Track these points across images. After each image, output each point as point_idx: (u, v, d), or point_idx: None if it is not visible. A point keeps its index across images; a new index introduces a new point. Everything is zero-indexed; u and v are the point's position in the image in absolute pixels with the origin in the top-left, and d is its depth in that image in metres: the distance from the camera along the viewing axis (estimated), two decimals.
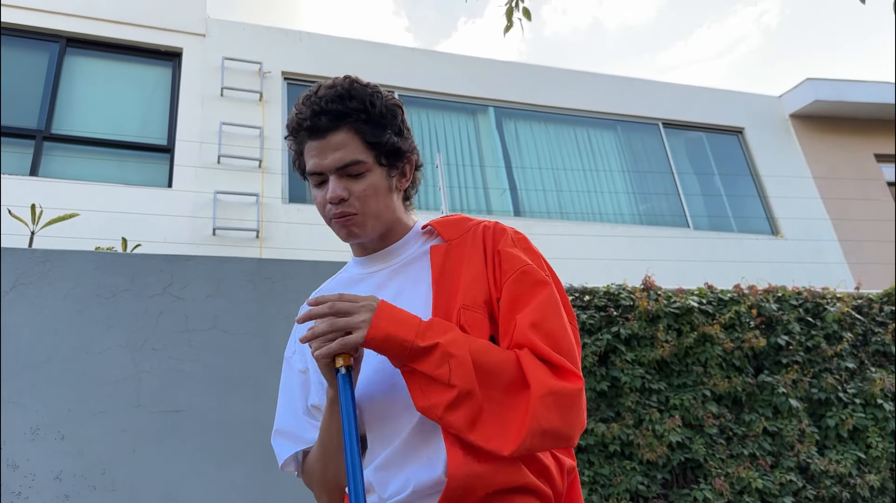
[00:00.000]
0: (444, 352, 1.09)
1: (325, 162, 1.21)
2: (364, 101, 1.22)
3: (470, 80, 8.71)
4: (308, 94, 1.25)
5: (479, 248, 1.26)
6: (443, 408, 1.07)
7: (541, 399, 1.07)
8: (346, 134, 1.20)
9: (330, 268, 2.69)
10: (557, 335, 1.16)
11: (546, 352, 1.12)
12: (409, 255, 1.31)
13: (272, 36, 8.07)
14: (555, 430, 1.09)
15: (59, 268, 2.41)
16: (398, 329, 1.10)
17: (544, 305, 1.18)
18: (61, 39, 7.04)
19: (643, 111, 9.42)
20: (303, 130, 1.22)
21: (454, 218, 1.35)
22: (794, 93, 10.11)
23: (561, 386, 1.10)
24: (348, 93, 1.22)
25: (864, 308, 5.00)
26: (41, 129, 6.57)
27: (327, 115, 1.20)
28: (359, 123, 1.21)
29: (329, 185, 1.22)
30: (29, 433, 2.20)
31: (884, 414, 4.53)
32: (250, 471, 2.38)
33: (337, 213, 1.23)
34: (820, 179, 9.62)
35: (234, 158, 7.00)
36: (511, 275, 1.20)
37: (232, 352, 2.50)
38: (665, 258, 7.57)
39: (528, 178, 8.42)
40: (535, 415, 1.07)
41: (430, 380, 1.08)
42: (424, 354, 1.09)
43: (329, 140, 1.20)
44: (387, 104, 1.25)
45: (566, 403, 1.10)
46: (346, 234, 1.27)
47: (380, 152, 1.23)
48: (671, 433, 4.09)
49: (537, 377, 1.09)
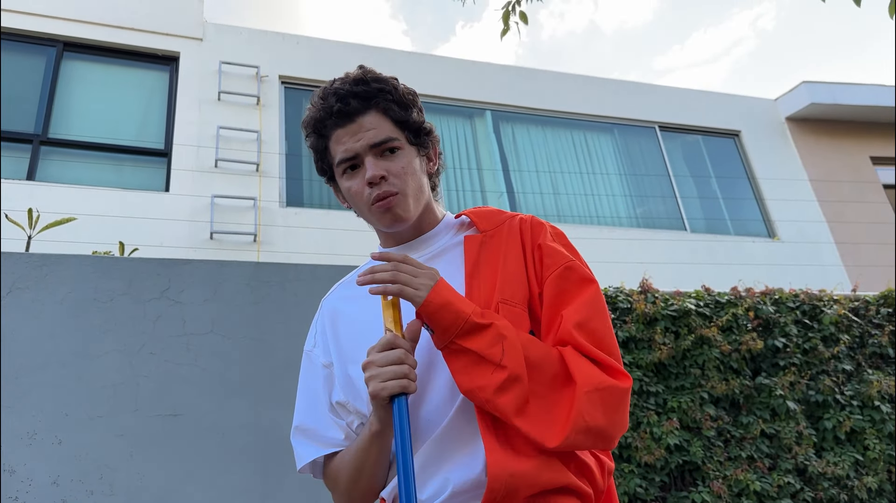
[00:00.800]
0: (497, 333, 1.06)
1: (359, 143, 1.18)
2: (387, 83, 1.23)
3: (467, 84, 8.72)
4: (325, 88, 1.23)
5: (517, 241, 1.23)
6: (492, 390, 1.03)
7: (587, 395, 1.04)
8: (376, 114, 1.20)
9: (328, 272, 2.69)
10: (602, 333, 1.13)
11: (591, 350, 1.09)
12: (441, 245, 1.28)
13: (269, 40, 8.08)
14: (599, 428, 1.04)
15: (56, 272, 2.40)
16: (457, 300, 1.08)
17: (590, 304, 1.15)
18: (58, 44, 7.03)
19: (640, 114, 9.44)
20: (332, 117, 1.20)
21: (488, 209, 1.32)
22: (789, 96, 10.14)
23: (609, 382, 1.07)
24: (368, 76, 1.22)
25: (861, 310, 5.01)
26: (38, 133, 6.57)
27: (355, 97, 1.19)
28: (387, 103, 1.20)
29: (366, 167, 1.19)
30: (26, 438, 2.19)
31: (881, 416, 4.54)
32: (249, 476, 2.38)
33: (380, 193, 1.19)
34: (816, 182, 9.64)
35: (231, 162, 7.00)
36: (554, 270, 1.18)
37: (230, 356, 2.49)
38: (662, 261, 7.58)
39: (525, 181, 8.43)
40: (580, 410, 1.03)
41: (480, 360, 1.05)
42: (478, 330, 1.06)
43: (360, 122, 1.19)
44: (405, 88, 1.27)
45: (612, 401, 1.07)
46: (391, 219, 1.21)
47: (409, 131, 1.23)
48: (669, 436, 4.09)
49: (583, 372, 1.06)
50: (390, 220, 1.21)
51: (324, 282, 2.72)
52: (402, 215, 1.21)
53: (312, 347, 1.33)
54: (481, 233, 1.25)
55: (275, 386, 2.49)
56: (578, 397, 1.04)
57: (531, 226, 1.26)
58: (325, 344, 1.30)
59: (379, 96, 1.20)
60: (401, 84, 1.26)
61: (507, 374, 1.03)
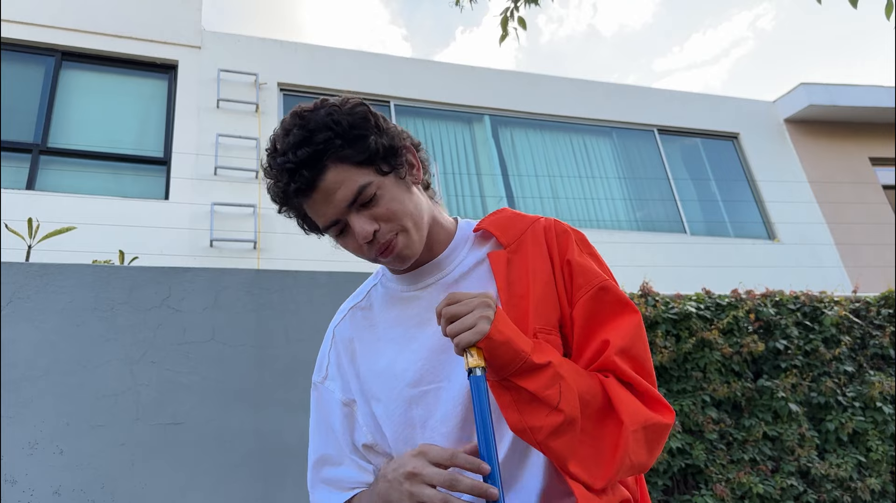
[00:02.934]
0: (555, 373, 1.00)
1: (332, 209, 1.08)
2: (328, 126, 1.07)
3: (465, 89, 8.74)
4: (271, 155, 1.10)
5: (544, 255, 1.15)
6: (547, 433, 0.98)
7: (633, 434, 1.00)
8: (334, 170, 1.06)
9: (327, 279, 2.70)
10: (643, 360, 1.09)
11: (634, 377, 1.05)
12: (461, 263, 1.19)
13: (268, 47, 8.10)
14: (641, 464, 1.02)
15: (56, 281, 2.41)
16: (516, 336, 1.00)
17: (632, 330, 1.09)
18: (56, 53, 7.05)
19: (638, 118, 9.45)
20: (294, 196, 1.09)
21: (507, 216, 1.22)
22: (788, 97, 10.16)
23: (654, 419, 1.03)
24: (306, 128, 1.07)
25: (862, 311, 5.01)
26: (37, 142, 6.58)
27: (304, 166, 1.05)
28: (338, 150, 1.06)
29: (353, 227, 1.09)
30: (27, 447, 2.19)
31: (883, 417, 4.53)
32: (250, 483, 2.37)
33: (380, 247, 1.10)
34: (815, 183, 9.65)
35: (230, 170, 7.00)
36: (588, 290, 1.11)
37: (230, 363, 2.49)
38: (662, 264, 7.58)
39: (524, 185, 8.44)
40: (626, 450, 0.99)
41: (534, 400, 0.99)
42: (536, 371, 0.99)
43: (322, 188, 1.07)
44: (350, 112, 1.10)
45: (656, 438, 1.04)
46: (400, 262, 1.13)
47: (375, 163, 1.10)
48: (671, 439, 4.08)
49: (630, 409, 1.02)
50: (399, 263, 1.14)
51: (324, 289, 2.72)
52: (408, 254, 1.12)
53: (324, 379, 1.24)
54: (505, 247, 1.16)
55: (276, 393, 2.49)
56: (625, 436, 1.00)
57: (556, 235, 1.17)
58: (343, 379, 1.21)
59: (328, 149, 1.05)
60: (344, 110, 1.10)
61: (563, 418, 0.98)
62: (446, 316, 0.99)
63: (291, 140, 1.07)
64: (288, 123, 1.10)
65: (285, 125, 1.10)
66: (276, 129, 1.12)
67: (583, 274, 1.13)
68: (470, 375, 0.97)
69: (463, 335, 0.96)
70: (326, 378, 1.23)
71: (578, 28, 54.14)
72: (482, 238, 1.21)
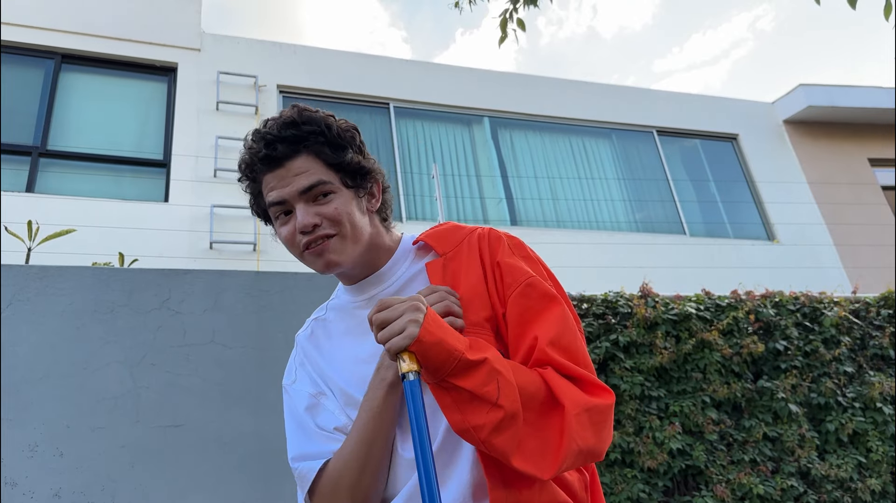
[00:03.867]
0: (492, 369, 1.01)
1: (287, 189, 1.13)
2: (320, 124, 1.16)
3: (465, 91, 8.75)
4: (257, 129, 1.19)
5: (476, 259, 1.19)
6: (489, 430, 0.99)
7: (576, 417, 1.02)
8: (306, 159, 1.14)
9: (327, 281, 2.70)
10: (575, 349, 1.11)
11: (570, 367, 1.08)
12: (403, 276, 1.24)
13: (267, 49, 8.10)
14: (590, 448, 1.04)
15: (56, 283, 2.41)
16: (449, 336, 1.02)
17: (559, 321, 1.12)
18: (56, 56, 7.06)
19: (637, 119, 9.46)
20: (258, 163, 1.16)
21: (445, 228, 1.27)
22: (787, 99, 10.17)
23: (594, 402, 1.05)
24: (301, 118, 1.16)
25: (862, 312, 5.01)
26: (37, 145, 6.58)
27: (283, 142, 1.14)
28: (317, 146, 1.15)
29: (296, 214, 1.14)
30: (27, 450, 2.19)
31: (883, 417, 4.53)
32: (251, 485, 2.37)
33: (310, 239, 1.14)
34: (814, 184, 9.66)
35: (230, 172, 7.00)
36: (515, 288, 1.14)
37: (230, 365, 2.49)
38: (662, 265, 7.58)
39: (524, 187, 8.44)
40: (571, 435, 1.01)
41: (473, 398, 1.00)
42: (472, 368, 1.00)
43: (288, 167, 1.14)
44: (342, 126, 1.20)
45: (599, 419, 1.06)
46: (323, 265, 1.17)
47: (344, 173, 1.17)
48: (671, 440, 4.08)
49: (569, 395, 1.04)
50: (323, 266, 1.17)
51: (323, 291, 2.72)
52: (336, 259, 1.16)
53: (292, 382, 1.28)
54: (441, 256, 1.21)
55: (276, 395, 2.48)
56: (568, 421, 1.01)
57: (489, 241, 1.21)
58: (308, 375, 1.26)
59: (309, 139, 1.14)
60: (337, 122, 1.20)
61: (503, 414, 0.99)
62: (376, 322, 1.02)
63: (281, 120, 1.17)
64: (285, 111, 1.20)
65: (282, 112, 1.20)
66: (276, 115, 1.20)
67: (511, 273, 1.15)
68: (403, 380, 0.99)
69: (393, 341, 0.99)
70: (295, 381, 1.28)
71: (578, 30, 54.21)
72: (422, 250, 1.27)
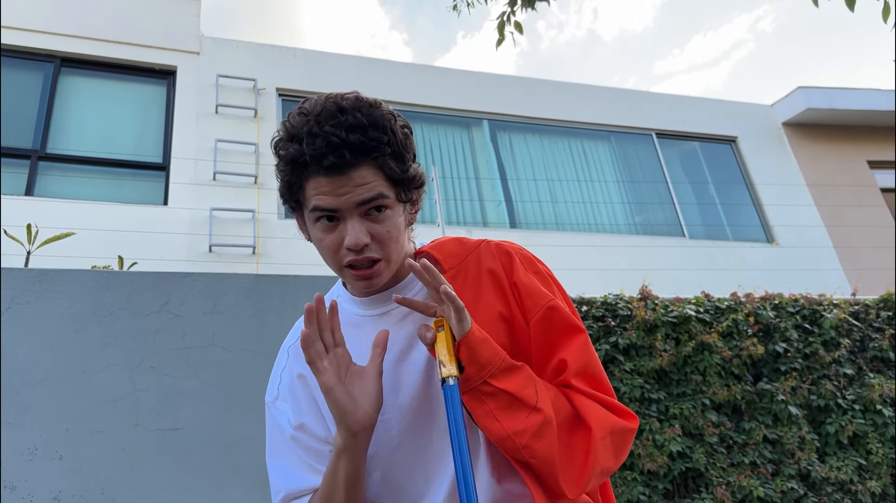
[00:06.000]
0: (529, 374, 1.02)
1: (342, 199, 1.01)
2: (386, 130, 1.02)
3: (463, 94, 8.75)
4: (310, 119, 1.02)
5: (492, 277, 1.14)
6: (530, 435, 0.97)
7: (602, 440, 1.01)
8: (370, 169, 1.01)
9: (327, 283, 2.69)
10: (600, 377, 1.10)
11: (596, 395, 1.07)
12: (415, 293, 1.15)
13: (266, 53, 8.11)
14: (608, 469, 1.03)
15: (55, 287, 2.40)
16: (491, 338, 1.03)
17: (584, 350, 1.10)
18: (55, 59, 7.06)
19: (636, 122, 9.47)
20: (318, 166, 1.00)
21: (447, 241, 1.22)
22: (785, 101, 10.18)
23: (621, 424, 1.05)
24: (367, 119, 1.01)
25: (861, 314, 5.01)
26: (36, 148, 6.58)
27: (350, 148, 0.99)
28: (384, 158, 1.02)
29: (347, 227, 1.02)
30: (27, 453, 2.19)
31: (883, 419, 4.53)
32: (250, 488, 2.37)
33: (356, 260, 1.04)
34: (814, 187, 9.67)
35: (229, 175, 7.01)
36: (537, 312, 1.10)
37: (230, 368, 2.49)
38: (661, 267, 7.58)
39: (523, 189, 8.45)
40: (596, 456, 1.00)
41: (513, 403, 0.98)
42: (513, 370, 1.00)
43: (350, 176, 1.00)
44: (402, 128, 1.07)
45: (622, 442, 1.05)
46: (364, 286, 1.09)
47: (401, 188, 1.06)
48: (671, 442, 4.08)
49: (596, 416, 1.03)
50: (363, 287, 1.10)
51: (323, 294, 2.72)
52: (379, 283, 1.09)
53: (275, 399, 1.19)
54: (447, 271, 1.15)
55: None
56: (594, 442, 1.00)
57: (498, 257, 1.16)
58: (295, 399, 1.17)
59: (378, 150, 1.01)
60: (398, 123, 1.07)
61: (543, 418, 0.98)
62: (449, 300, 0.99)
63: (349, 120, 1.00)
64: (346, 103, 1.03)
65: (341, 103, 1.02)
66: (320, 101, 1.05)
67: (530, 296, 1.11)
68: (443, 385, 0.96)
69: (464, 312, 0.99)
70: (278, 398, 1.19)
71: (579, 34, 54.28)
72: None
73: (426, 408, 1.08)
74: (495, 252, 1.17)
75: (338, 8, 60.63)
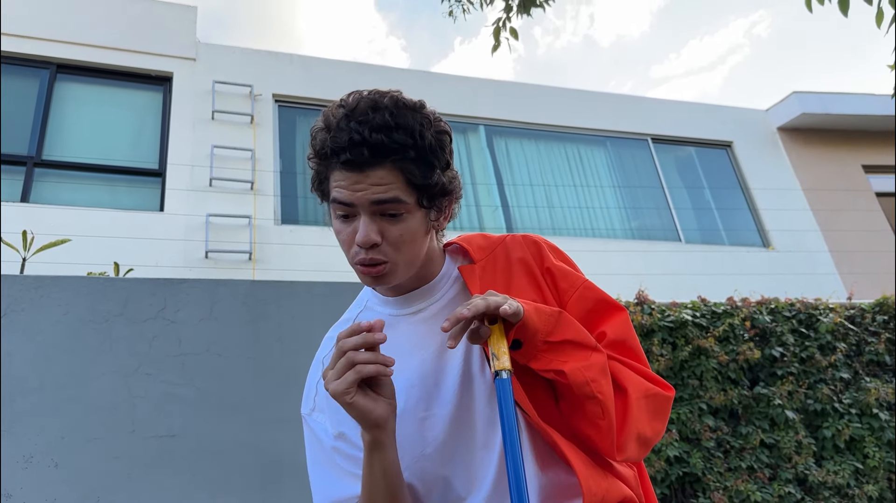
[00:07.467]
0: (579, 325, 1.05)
1: (357, 195, 1.01)
2: (413, 134, 1.02)
3: (459, 99, 8.77)
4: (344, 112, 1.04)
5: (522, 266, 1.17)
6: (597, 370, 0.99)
7: (637, 401, 1.02)
8: (389, 171, 1.01)
9: (324, 289, 2.69)
10: (638, 351, 1.12)
11: (633, 364, 1.09)
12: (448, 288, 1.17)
13: (262, 59, 8.11)
14: (646, 437, 1.03)
15: (51, 294, 2.40)
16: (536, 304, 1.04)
17: (622, 324, 1.13)
18: (51, 66, 7.05)
19: (632, 127, 9.49)
20: (337, 159, 1.02)
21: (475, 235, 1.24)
22: (780, 106, 10.22)
23: (655, 390, 1.06)
24: (395, 121, 1.01)
25: (857, 318, 5.02)
26: (32, 155, 6.57)
27: (369, 147, 0.99)
28: (406, 162, 1.01)
29: (360, 224, 1.03)
30: (22, 461, 2.18)
31: (880, 423, 4.53)
32: (246, 496, 2.36)
33: (364, 259, 1.05)
34: (809, 191, 9.70)
35: (225, 181, 7.00)
36: (573, 293, 1.14)
37: (226, 375, 2.48)
38: (658, 272, 7.59)
39: (519, 195, 8.46)
40: (633, 417, 1.01)
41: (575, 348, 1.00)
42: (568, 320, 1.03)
43: (368, 174, 1.01)
44: (436, 134, 1.06)
45: (658, 408, 1.06)
46: (371, 283, 1.10)
47: (423, 194, 1.05)
48: (668, 447, 4.08)
49: (632, 381, 1.04)
50: (371, 283, 1.11)
51: (320, 300, 2.72)
52: (387, 283, 1.09)
53: (311, 411, 1.18)
54: (475, 262, 1.17)
55: (272, 405, 2.48)
56: (631, 404, 1.01)
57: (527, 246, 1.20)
58: (330, 408, 1.15)
59: (397, 152, 1.00)
60: (433, 129, 1.06)
61: (603, 357, 1.02)
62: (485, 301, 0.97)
63: (377, 120, 1.00)
64: (382, 101, 1.04)
65: (378, 101, 1.03)
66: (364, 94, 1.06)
67: (565, 278, 1.16)
68: (496, 378, 0.95)
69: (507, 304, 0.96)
70: (314, 409, 1.18)
71: (575, 40, 54.43)
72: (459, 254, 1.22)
73: (468, 399, 1.09)
74: (522, 243, 1.20)
75: (335, 14, 60.72)
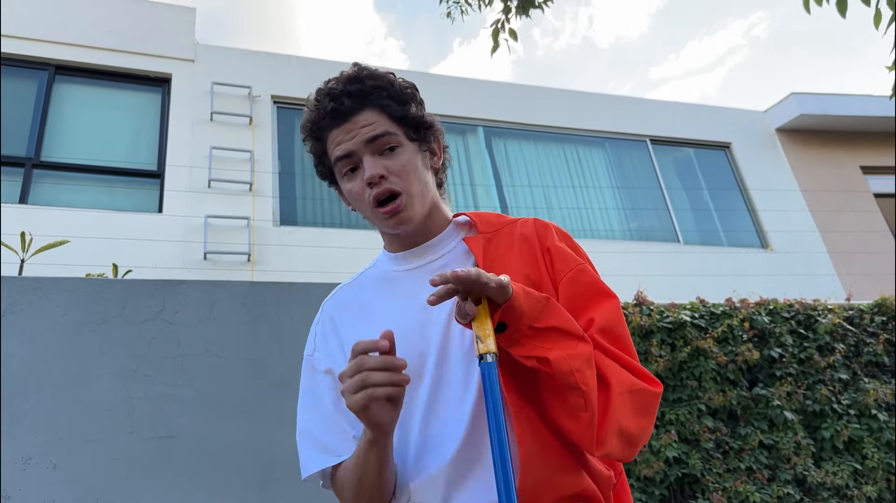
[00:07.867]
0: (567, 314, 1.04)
1: (353, 141, 1.15)
2: (382, 80, 1.19)
3: (458, 101, 8.77)
4: (320, 89, 1.21)
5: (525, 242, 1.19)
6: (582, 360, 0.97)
7: (620, 396, 1.00)
8: (372, 112, 1.16)
9: (323, 290, 2.69)
10: (626, 341, 1.10)
11: (619, 355, 1.06)
12: (448, 251, 1.22)
13: (261, 60, 8.11)
14: (629, 432, 1.00)
15: (49, 295, 2.40)
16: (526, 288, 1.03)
17: (613, 312, 1.11)
18: (50, 67, 7.05)
19: (631, 128, 9.50)
20: (326, 118, 1.17)
21: (488, 212, 1.29)
22: (779, 107, 10.23)
23: (640, 385, 1.03)
24: (363, 73, 1.19)
25: (856, 319, 5.03)
26: (30, 156, 6.56)
27: (349, 96, 1.16)
28: (382, 99, 1.17)
29: (364, 167, 1.15)
30: (20, 463, 2.17)
31: (878, 424, 4.54)
32: (246, 496, 2.36)
33: (379, 193, 1.14)
34: (807, 192, 9.71)
35: (224, 182, 7.00)
36: (566, 273, 1.15)
37: (224, 376, 2.48)
38: (656, 273, 7.59)
39: (518, 196, 8.46)
40: (614, 412, 0.98)
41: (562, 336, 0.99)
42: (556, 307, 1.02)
43: (355, 120, 1.16)
44: (403, 84, 1.23)
45: (643, 405, 1.03)
46: (395, 222, 1.17)
47: (408, 126, 1.19)
48: (668, 448, 4.08)
49: (616, 375, 1.02)
50: (395, 224, 1.17)
51: (318, 301, 2.71)
52: (408, 217, 1.17)
53: (312, 352, 1.27)
54: (480, 234, 1.21)
55: (271, 406, 2.48)
56: (612, 398, 0.99)
57: (535, 227, 1.22)
58: (326, 348, 1.24)
59: (374, 93, 1.17)
60: (398, 78, 1.23)
61: (589, 347, 1.00)
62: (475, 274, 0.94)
63: (346, 77, 1.19)
64: (348, 70, 1.21)
65: (345, 71, 1.21)
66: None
67: (562, 259, 1.17)
68: (481, 362, 0.94)
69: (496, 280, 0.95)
70: (315, 350, 1.26)
71: (574, 41, 54.46)
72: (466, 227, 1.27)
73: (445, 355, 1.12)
74: (532, 224, 1.23)
75: (334, 15, 60.73)
